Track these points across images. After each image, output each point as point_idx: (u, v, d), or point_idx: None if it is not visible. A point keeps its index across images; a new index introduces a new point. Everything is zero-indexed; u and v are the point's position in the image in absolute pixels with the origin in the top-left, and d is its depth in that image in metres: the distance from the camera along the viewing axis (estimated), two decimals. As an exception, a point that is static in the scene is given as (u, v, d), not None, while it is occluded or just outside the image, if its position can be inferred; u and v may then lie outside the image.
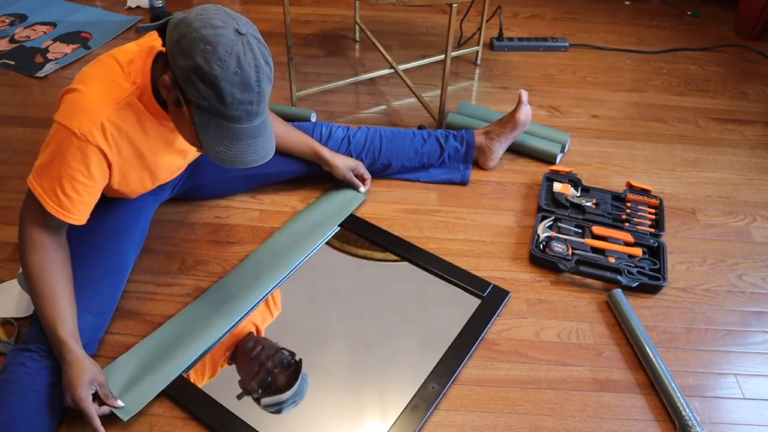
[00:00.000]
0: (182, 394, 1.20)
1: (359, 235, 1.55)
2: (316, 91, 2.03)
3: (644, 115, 2.05)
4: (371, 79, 2.15)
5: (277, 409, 1.18)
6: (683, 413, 1.19)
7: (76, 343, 1.12)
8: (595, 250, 1.53)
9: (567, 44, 2.38)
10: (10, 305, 1.33)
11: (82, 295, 1.21)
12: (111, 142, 1.13)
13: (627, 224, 1.59)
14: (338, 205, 1.60)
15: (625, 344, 1.35)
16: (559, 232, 1.56)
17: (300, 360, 1.26)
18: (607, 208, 1.64)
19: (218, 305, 1.34)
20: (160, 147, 1.25)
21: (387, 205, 1.66)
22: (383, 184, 1.72)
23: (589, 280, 1.48)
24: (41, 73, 2.11)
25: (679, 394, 1.22)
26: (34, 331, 1.17)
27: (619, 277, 1.43)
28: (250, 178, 1.61)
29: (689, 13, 2.66)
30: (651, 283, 1.44)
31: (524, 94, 1.70)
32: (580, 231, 1.57)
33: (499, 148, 1.74)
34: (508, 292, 1.43)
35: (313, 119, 1.94)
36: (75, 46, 2.28)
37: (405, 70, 2.08)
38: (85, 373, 1.09)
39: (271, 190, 1.67)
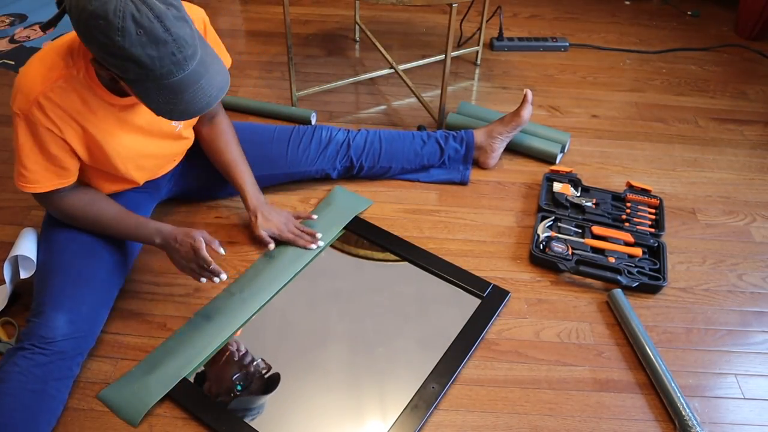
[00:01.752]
0: (182, 395, 1.20)
1: (359, 235, 1.55)
2: (316, 91, 2.03)
3: (644, 115, 2.05)
4: (371, 79, 2.15)
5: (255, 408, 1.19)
6: (683, 413, 1.19)
7: (166, 223, 1.29)
8: (595, 250, 1.53)
9: (567, 44, 2.38)
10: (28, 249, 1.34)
11: (81, 292, 1.22)
12: (54, 117, 1.12)
13: (627, 224, 1.59)
14: (342, 209, 1.60)
15: (625, 344, 1.35)
16: (559, 232, 1.56)
17: (278, 374, 1.26)
18: (607, 208, 1.64)
19: (222, 313, 1.35)
20: (113, 126, 1.20)
21: (387, 205, 1.66)
22: (383, 184, 1.72)
23: (589, 280, 1.48)
24: (41, 73, 2.11)
25: (679, 394, 1.22)
26: (28, 329, 1.17)
27: (619, 277, 1.43)
28: (260, 179, 1.61)
29: (689, 13, 2.66)
30: (651, 283, 1.44)
31: (529, 94, 1.70)
32: (580, 231, 1.57)
33: (500, 146, 1.75)
34: (508, 292, 1.43)
35: (313, 120, 1.94)
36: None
37: (405, 70, 2.08)
38: (193, 230, 1.25)
39: (271, 190, 1.67)
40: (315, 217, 1.55)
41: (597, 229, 1.55)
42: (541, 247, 1.52)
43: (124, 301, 1.38)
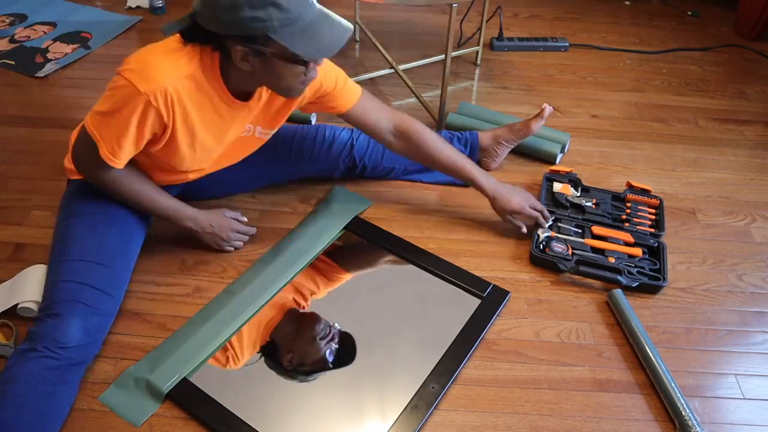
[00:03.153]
0: (182, 394, 1.20)
1: (360, 235, 1.55)
2: (316, 91, 2.03)
3: (644, 115, 2.05)
4: (371, 79, 2.15)
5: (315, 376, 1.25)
6: (683, 413, 1.19)
7: (194, 208, 1.41)
8: (595, 250, 1.53)
9: (567, 44, 2.38)
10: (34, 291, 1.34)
11: (93, 296, 1.22)
12: (170, 108, 1.16)
13: (627, 224, 1.59)
14: (342, 209, 1.60)
15: (625, 344, 1.35)
16: (559, 232, 1.56)
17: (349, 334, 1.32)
18: (607, 208, 1.64)
19: (222, 312, 1.34)
20: (212, 127, 1.27)
21: (387, 205, 1.66)
22: (383, 184, 1.72)
23: (589, 280, 1.48)
24: (41, 73, 2.11)
25: (679, 394, 1.22)
26: (41, 331, 1.16)
27: (619, 277, 1.43)
28: (254, 178, 1.61)
29: (689, 13, 2.66)
30: (651, 283, 1.44)
31: (548, 110, 1.68)
32: (580, 231, 1.57)
33: (504, 152, 1.75)
34: (508, 292, 1.43)
35: (313, 120, 1.94)
36: (75, 46, 2.29)
37: (405, 70, 2.08)
38: (220, 215, 1.46)
39: (271, 190, 1.67)
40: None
41: (597, 229, 1.56)
42: (541, 248, 1.52)
43: (124, 301, 1.37)
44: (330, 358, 1.27)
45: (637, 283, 1.43)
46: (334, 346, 1.29)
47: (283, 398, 1.21)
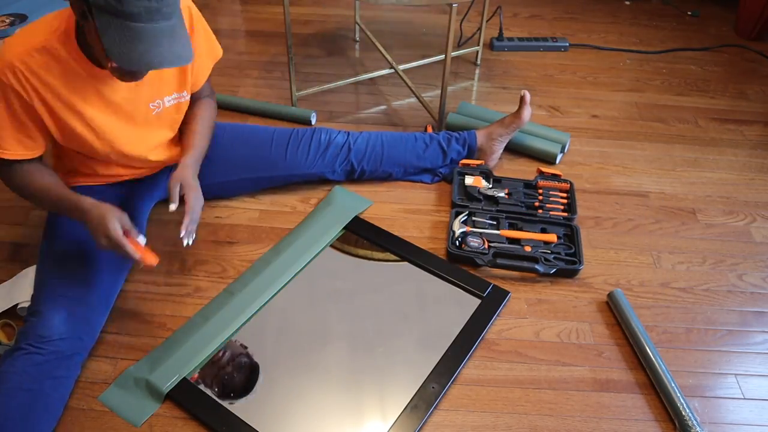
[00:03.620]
0: (182, 394, 1.20)
1: (360, 235, 1.55)
2: (316, 91, 2.03)
3: (644, 115, 2.05)
4: (371, 79, 2.15)
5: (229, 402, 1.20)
6: (683, 413, 1.19)
7: (88, 197, 1.20)
8: (510, 240, 1.53)
9: (567, 44, 2.38)
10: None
11: (79, 292, 1.22)
12: (25, 84, 1.11)
13: (540, 211, 1.60)
14: (342, 209, 1.60)
15: (625, 344, 1.35)
16: (474, 226, 1.56)
17: (255, 362, 1.26)
18: (519, 196, 1.64)
19: (222, 312, 1.34)
20: (88, 100, 1.19)
21: (387, 205, 1.66)
22: (383, 184, 1.72)
23: (589, 279, 1.48)
24: (41, 73, 2.11)
25: (679, 394, 1.22)
26: (26, 330, 1.17)
27: (536, 266, 1.44)
28: (251, 182, 1.61)
29: (689, 13, 2.66)
30: (568, 268, 1.45)
31: (527, 96, 1.69)
32: (495, 223, 1.58)
33: (500, 147, 1.75)
34: (508, 292, 1.43)
35: (313, 120, 1.94)
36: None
37: (405, 70, 2.08)
38: (111, 211, 1.17)
39: (271, 190, 1.67)
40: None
41: (507, 233, 1.55)
42: (458, 244, 1.51)
43: (124, 301, 1.38)
44: (224, 382, 1.23)
45: (554, 270, 1.44)
46: (227, 373, 1.25)
47: (283, 398, 1.21)
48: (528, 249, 1.49)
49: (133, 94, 1.24)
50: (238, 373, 1.24)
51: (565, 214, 1.60)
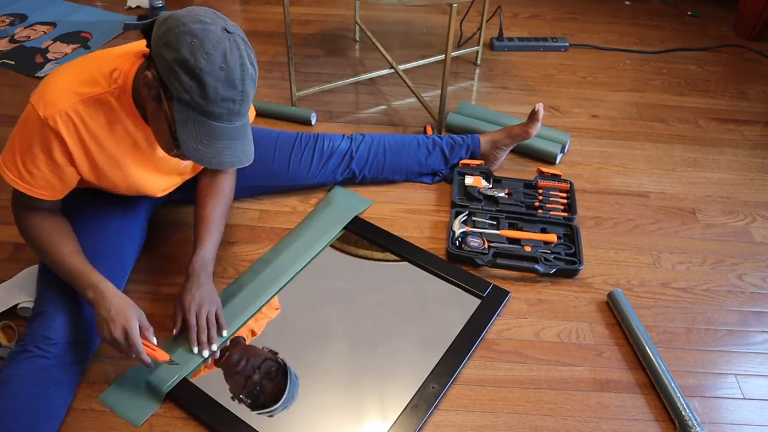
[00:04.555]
0: (182, 394, 1.20)
1: (360, 235, 1.55)
2: (316, 91, 2.03)
3: (644, 115, 2.05)
4: (371, 79, 2.15)
5: (269, 414, 1.18)
6: (683, 413, 1.19)
7: (109, 282, 1.16)
8: (510, 240, 1.53)
9: (567, 44, 2.38)
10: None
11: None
12: (73, 133, 1.10)
13: (540, 211, 1.60)
14: (342, 209, 1.60)
15: (625, 344, 1.35)
16: (474, 226, 1.56)
17: (286, 364, 1.24)
18: (519, 196, 1.64)
19: (224, 309, 1.34)
20: (128, 154, 1.19)
21: (387, 205, 1.66)
22: (383, 184, 1.71)
23: (589, 279, 1.48)
24: (41, 73, 2.11)
25: (679, 394, 1.22)
26: (31, 331, 1.16)
27: (536, 266, 1.44)
28: (255, 189, 1.61)
29: (689, 13, 2.66)
30: (568, 268, 1.46)
31: (541, 111, 1.65)
32: (494, 223, 1.58)
33: (503, 155, 1.74)
34: (508, 292, 1.43)
35: (313, 120, 1.94)
36: (75, 46, 2.29)
37: (405, 70, 2.08)
38: (132, 307, 1.13)
39: (271, 191, 1.66)
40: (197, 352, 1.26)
41: (508, 233, 1.55)
42: (458, 244, 1.51)
43: (124, 301, 1.37)
44: (254, 393, 1.21)
45: (554, 270, 1.44)
46: (255, 384, 1.22)
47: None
48: (528, 249, 1.49)
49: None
50: (267, 380, 1.22)
51: (565, 214, 1.60)
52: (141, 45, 1.13)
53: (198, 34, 0.97)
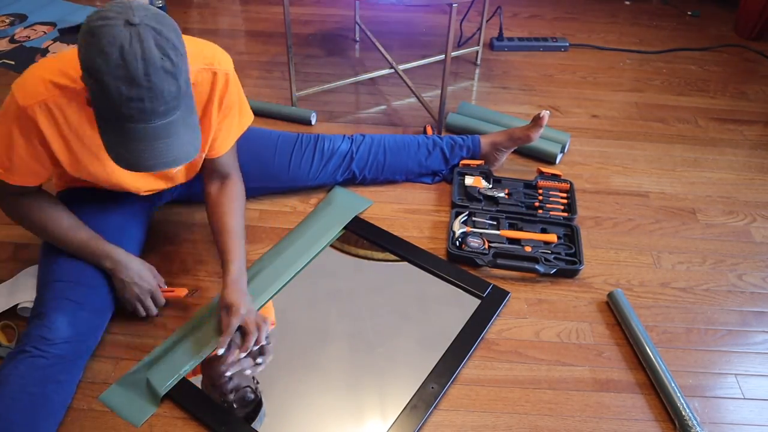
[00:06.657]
0: (182, 394, 1.20)
1: (360, 235, 1.55)
2: (316, 91, 2.03)
3: (644, 115, 2.05)
4: (371, 79, 2.15)
5: None
6: (683, 413, 1.19)
7: (119, 247, 1.25)
8: (511, 240, 1.53)
9: (567, 44, 2.38)
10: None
11: (82, 295, 1.21)
12: (52, 123, 1.09)
13: (540, 211, 1.60)
14: (342, 209, 1.60)
15: (625, 344, 1.35)
16: (474, 227, 1.56)
17: (261, 399, 1.21)
18: (519, 197, 1.64)
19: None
20: (102, 148, 1.16)
21: (387, 205, 1.66)
22: (383, 184, 1.71)
23: (589, 279, 1.48)
24: (41, 73, 2.11)
25: (679, 394, 1.22)
26: (30, 332, 1.16)
27: (536, 266, 1.44)
28: (255, 190, 1.61)
29: (689, 13, 2.66)
30: (568, 268, 1.45)
31: (546, 118, 1.64)
32: (495, 223, 1.58)
33: (504, 157, 1.74)
34: (508, 292, 1.43)
35: (313, 120, 1.94)
36: (75, 46, 2.28)
37: (405, 70, 2.08)
38: (147, 268, 1.27)
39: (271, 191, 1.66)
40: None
41: (508, 233, 1.55)
42: (458, 244, 1.51)
43: (124, 301, 1.37)
44: (225, 406, 1.19)
45: (554, 270, 1.44)
46: (228, 403, 1.19)
47: (283, 398, 1.21)
48: (528, 249, 1.49)
49: None
50: (240, 406, 1.20)
51: (565, 214, 1.60)
52: None
53: (95, 32, 0.91)
